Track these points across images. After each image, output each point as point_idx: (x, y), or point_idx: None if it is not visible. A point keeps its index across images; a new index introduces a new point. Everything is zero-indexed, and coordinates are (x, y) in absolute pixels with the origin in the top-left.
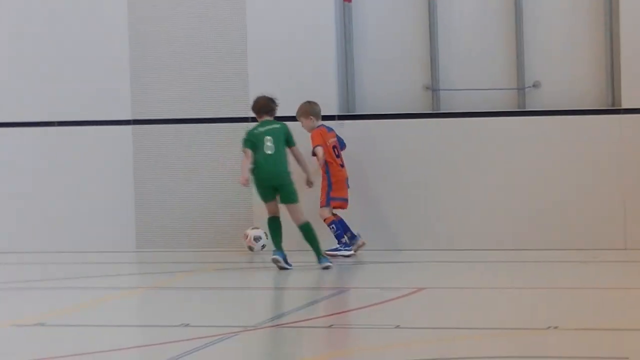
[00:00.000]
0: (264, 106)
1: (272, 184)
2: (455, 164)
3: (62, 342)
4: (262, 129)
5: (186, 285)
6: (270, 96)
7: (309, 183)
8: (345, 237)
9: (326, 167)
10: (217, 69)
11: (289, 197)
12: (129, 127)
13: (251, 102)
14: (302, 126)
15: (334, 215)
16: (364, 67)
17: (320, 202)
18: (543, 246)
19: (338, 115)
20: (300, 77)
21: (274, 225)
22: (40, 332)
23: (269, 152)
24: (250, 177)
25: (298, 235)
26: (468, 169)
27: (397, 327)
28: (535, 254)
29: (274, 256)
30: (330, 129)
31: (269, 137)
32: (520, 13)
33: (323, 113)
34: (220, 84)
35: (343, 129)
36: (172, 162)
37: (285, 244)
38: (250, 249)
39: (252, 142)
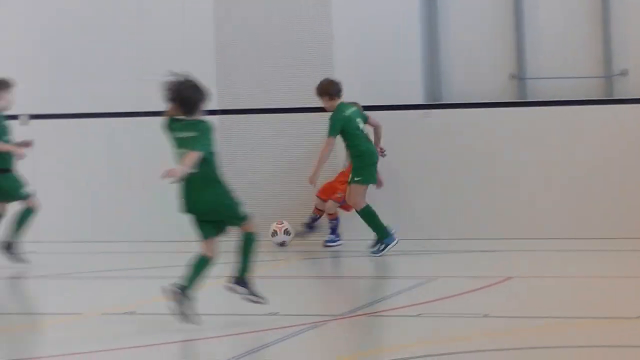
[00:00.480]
0: (335, 88)
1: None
2: (542, 152)
3: (153, 331)
4: (348, 111)
5: (274, 274)
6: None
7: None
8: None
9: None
10: (303, 59)
11: None
12: (216, 117)
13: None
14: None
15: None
16: (450, 55)
17: (338, 198)
18: (631, 235)
19: (424, 105)
20: (385, 65)
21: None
22: (131, 321)
23: (365, 131)
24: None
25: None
26: (555, 157)
27: (485, 316)
28: (623, 243)
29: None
30: None
31: (359, 119)
32: (607, 0)
33: (409, 102)
34: (306, 72)
35: (429, 118)
36: (259, 152)
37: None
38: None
39: (341, 128)
